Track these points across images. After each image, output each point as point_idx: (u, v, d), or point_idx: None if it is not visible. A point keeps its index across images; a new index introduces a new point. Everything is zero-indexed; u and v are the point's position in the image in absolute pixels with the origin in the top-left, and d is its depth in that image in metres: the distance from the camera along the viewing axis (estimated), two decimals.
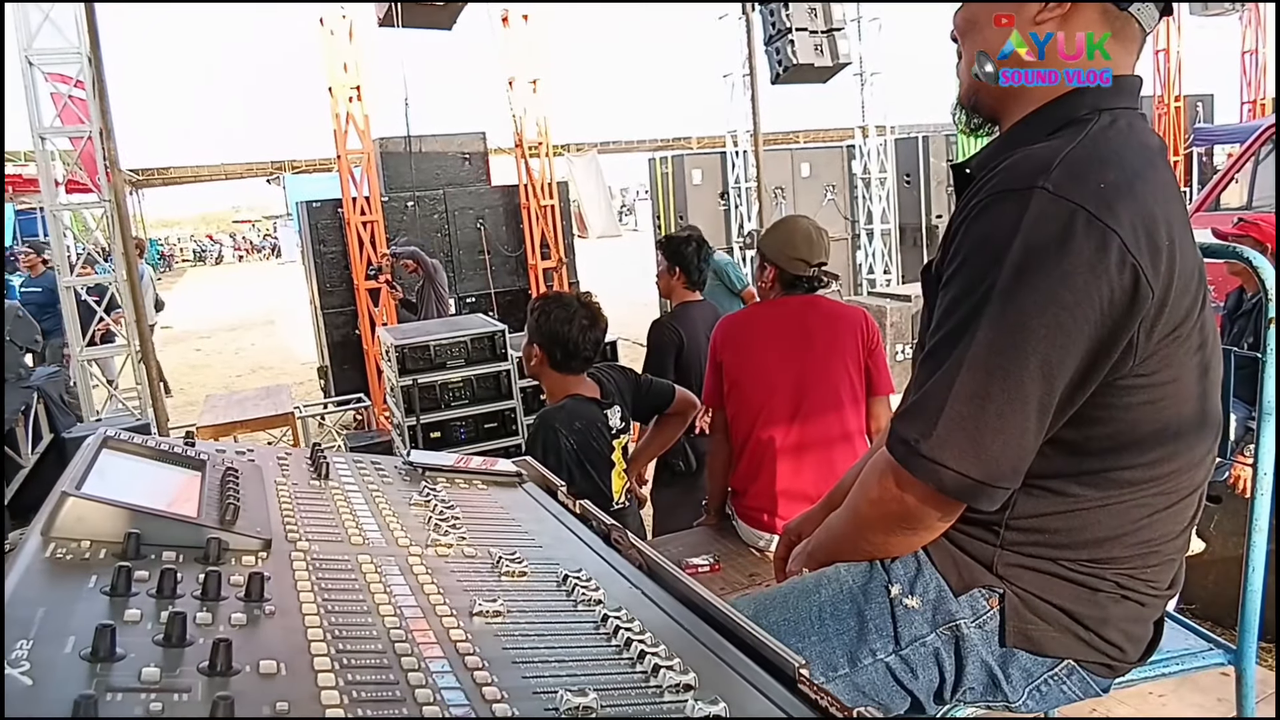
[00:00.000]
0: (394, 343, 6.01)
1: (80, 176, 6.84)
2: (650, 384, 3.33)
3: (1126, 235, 1.09)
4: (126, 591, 0.83)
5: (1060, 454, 1.21)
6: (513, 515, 1.36)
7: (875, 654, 1.33)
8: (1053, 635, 1.28)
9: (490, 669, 0.81)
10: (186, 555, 0.95)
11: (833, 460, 2.97)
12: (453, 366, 6.03)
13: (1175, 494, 1.25)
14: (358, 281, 9.48)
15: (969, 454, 1.14)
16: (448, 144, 10.23)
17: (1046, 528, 1.25)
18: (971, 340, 1.13)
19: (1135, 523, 1.23)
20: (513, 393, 6.19)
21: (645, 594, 1.08)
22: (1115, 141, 1.17)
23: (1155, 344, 1.15)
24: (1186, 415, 1.21)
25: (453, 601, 0.97)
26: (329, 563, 1.03)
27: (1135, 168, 1.15)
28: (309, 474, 1.40)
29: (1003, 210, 1.13)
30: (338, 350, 9.86)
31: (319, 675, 0.75)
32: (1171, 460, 1.22)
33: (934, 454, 1.15)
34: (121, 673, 0.69)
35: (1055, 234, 1.09)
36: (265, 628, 0.83)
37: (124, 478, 1.11)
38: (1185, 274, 1.15)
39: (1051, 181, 1.11)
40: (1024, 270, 1.10)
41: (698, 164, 12.55)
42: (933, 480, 1.17)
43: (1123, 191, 1.11)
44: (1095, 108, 1.20)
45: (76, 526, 0.93)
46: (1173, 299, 1.14)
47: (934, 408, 1.16)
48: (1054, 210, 1.10)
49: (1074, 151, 1.14)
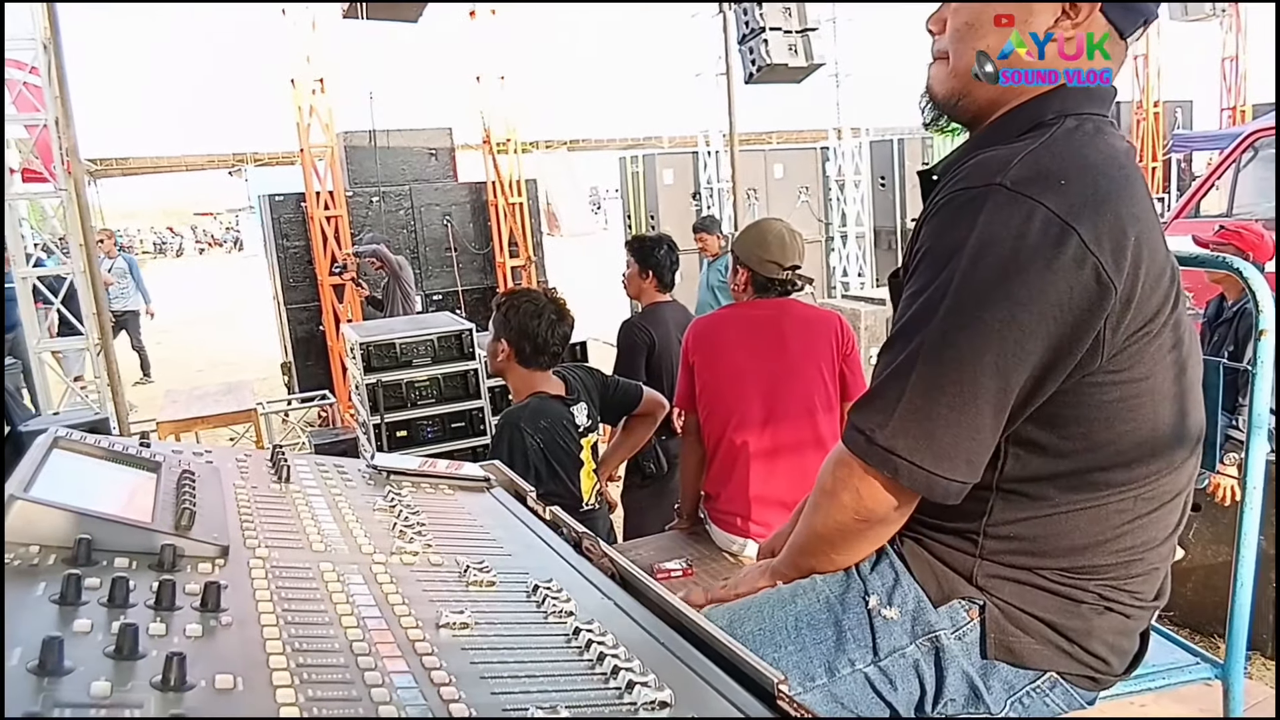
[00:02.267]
0: (359, 340, 5.93)
1: (35, 165, 6.68)
2: (617, 384, 3.31)
3: (1086, 232, 1.09)
4: (76, 600, 0.79)
5: (1037, 456, 1.21)
6: (480, 522, 1.33)
7: (854, 664, 1.31)
8: (1035, 648, 1.26)
9: (457, 684, 0.78)
10: (140, 562, 0.92)
11: (805, 466, 2.95)
12: (419, 365, 5.96)
13: (1156, 499, 1.24)
14: (321, 277, 9.37)
15: (922, 445, 1.15)
16: (413, 139, 10.15)
17: (1025, 535, 1.24)
18: (927, 334, 1.14)
19: (1116, 529, 1.22)
20: (480, 392, 6.13)
21: (618, 605, 1.05)
22: (1079, 144, 1.18)
23: (1124, 341, 1.14)
24: (1164, 416, 1.20)
25: (418, 612, 0.93)
26: (289, 571, 0.99)
27: (1099, 168, 1.15)
28: (269, 477, 1.36)
29: (961, 207, 1.14)
30: (301, 346, 9.74)
31: (278, 690, 0.71)
32: (1150, 462, 1.21)
33: (889, 443, 1.17)
34: (70, 687, 0.65)
35: (1012, 230, 1.10)
36: (221, 639, 0.79)
37: (75, 479, 1.07)
38: (1154, 272, 1.15)
39: (1010, 179, 1.11)
40: (979, 266, 1.11)
41: (669, 163, 12.48)
42: (887, 469, 1.18)
43: (1084, 190, 1.12)
44: (1061, 112, 1.21)
45: (25, 530, 0.89)
46: (1140, 296, 1.14)
47: (889, 399, 1.17)
48: (1011, 207, 1.10)
49: (1036, 151, 1.15)
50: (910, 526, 1.32)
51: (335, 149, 9.27)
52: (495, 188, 10.12)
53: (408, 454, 1.53)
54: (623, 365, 4.27)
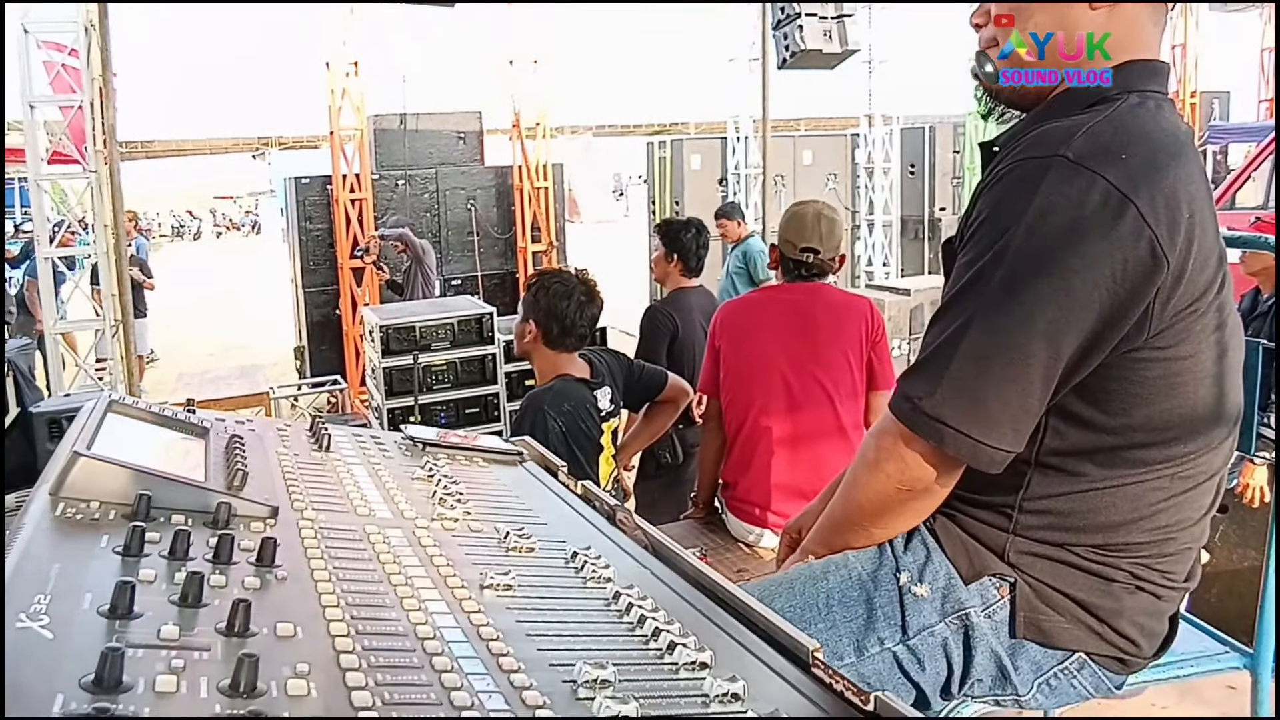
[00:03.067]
0: (379, 322, 5.96)
1: (64, 147, 6.75)
2: (643, 369, 3.33)
3: (1144, 206, 1.11)
4: (139, 552, 0.82)
5: (1077, 430, 1.22)
6: (515, 492, 1.35)
7: (883, 643, 1.33)
8: (1064, 626, 1.27)
9: (505, 640, 0.81)
10: (195, 520, 0.94)
11: (827, 455, 2.95)
12: (438, 348, 5.99)
13: (1192, 478, 1.25)
14: (342, 260, 9.43)
15: (970, 412, 1.17)
16: (443, 122, 10.17)
17: (1060, 510, 1.25)
18: (980, 302, 1.16)
19: (1151, 506, 1.23)
20: (497, 378, 6.15)
21: (654, 574, 1.07)
22: (1142, 119, 1.19)
23: (1171, 317, 1.16)
24: (1204, 396, 1.21)
25: (462, 574, 0.96)
26: (336, 532, 1.02)
27: (1159, 144, 1.17)
28: (310, 446, 1.39)
29: (1022, 177, 1.16)
30: (316, 330, 9.80)
31: (336, 640, 0.74)
32: (1188, 441, 1.22)
33: (936, 411, 1.18)
34: (140, 630, 0.68)
35: (1071, 201, 1.11)
36: (278, 592, 0.82)
37: (131, 441, 1.10)
38: (1204, 250, 1.16)
39: (1072, 151, 1.13)
40: (1037, 234, 1.13)
41: (697, 149, 12.36)
42: (933, 437, 1.19)
43: (1144, 164, 1.13)
44: (1125, 88, 1.22)
45: (87, 487, 0.92)
46: (1190, 273, 1.15)
47: (938, 367, 1.19)
48: (1072, 178, 1.12)
49: (1099, 124, 1.16)
50: (944, 502, 1.33)
51: (365, 132, 9.31)
52: (521, 172, 10.13)
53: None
54: (644, 351, 4.26)
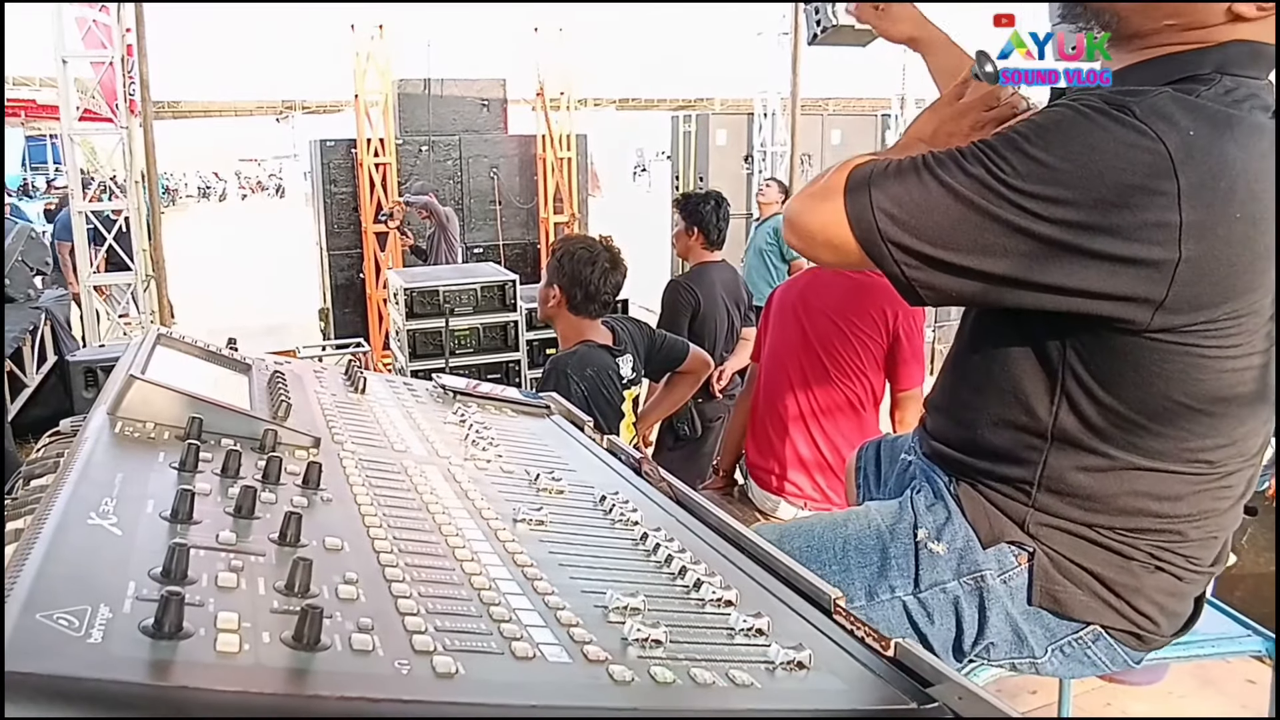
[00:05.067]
0: (404, 285, 6.01)
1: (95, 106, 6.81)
2: (665, 339, 3.35)
3: (1186, 186, 1.05)
4: (194, 468, 0.86)
5: (1091, 406, 1.21)
6: (544, 441, 1.39)
7: (894, 590, 1.35)
8: (1081, 599, 1.27)
9: (539, 567, 0.84)
10: (243, 445, 0.98)
11: (845, 429, 3.01)
12: (460, 313, 6.03)
13: (1216, 469, 1.22)
14: (366, 224, 9.47)
15: (898, 208, 1.15)
16: (467, 89, 10.15)
17: (1078, 490, 1.24)
18: (967, 181, 1.12)
19: (1171, 493, 1.22)
20: (519, 345, 6.20)
21: (679, 521, 1.10)
22: (1227, 104, 1.12)
23: (1196, 310, 1.11)
24: (1230, 392, 1.18)
25: (496, 509, 0.99)
26: (376, 464, 1.06)
27: (1238, 130, 1.09)
28: (346, 387, 1.42)
29: (1081, 109, 1.10)
30: (340, 293, 9.86)
31: (380, 555, 0.78)
32: (1209, 433, 1.20)
33: (876, 188, 1.17)
34: (200, 534, 0.72)
35: (1118, 146, 1.06)
36: (324, 511, 0.86)
37: (180, 370, 1.14)
38: (1255, 251, 1.10)
39: (1141, 107, 1.07)
40: (1068, 161, 1.08)
41: (723, 124, 12.14)
42: (854, 206, 1.18)
43: (1208, 145, 1.07)
44: (1220, 69, 1.15)
45: (142, 408, 0.96)
46: (1222, 269, 1.09)
47: (909, 171, 1.17)
48: (1130, 129, 1.07)
49: (1179, 96, 1.10)
50: (965, 472, 1.34)
51: (389, 96, 9.33)
52: (545, 141, 10.12)
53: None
54: (666, 324, 4.26)
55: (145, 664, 0.51)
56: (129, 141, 6.75)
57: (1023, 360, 1.25)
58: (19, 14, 5.97)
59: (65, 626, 0.52)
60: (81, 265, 7.07)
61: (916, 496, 1.40)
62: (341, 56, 9.36)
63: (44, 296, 6.72)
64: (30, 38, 7.66)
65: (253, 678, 0.53)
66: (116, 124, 6.79)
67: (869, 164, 1.20)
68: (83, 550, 0.64)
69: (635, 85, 28.09)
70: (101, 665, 0.50)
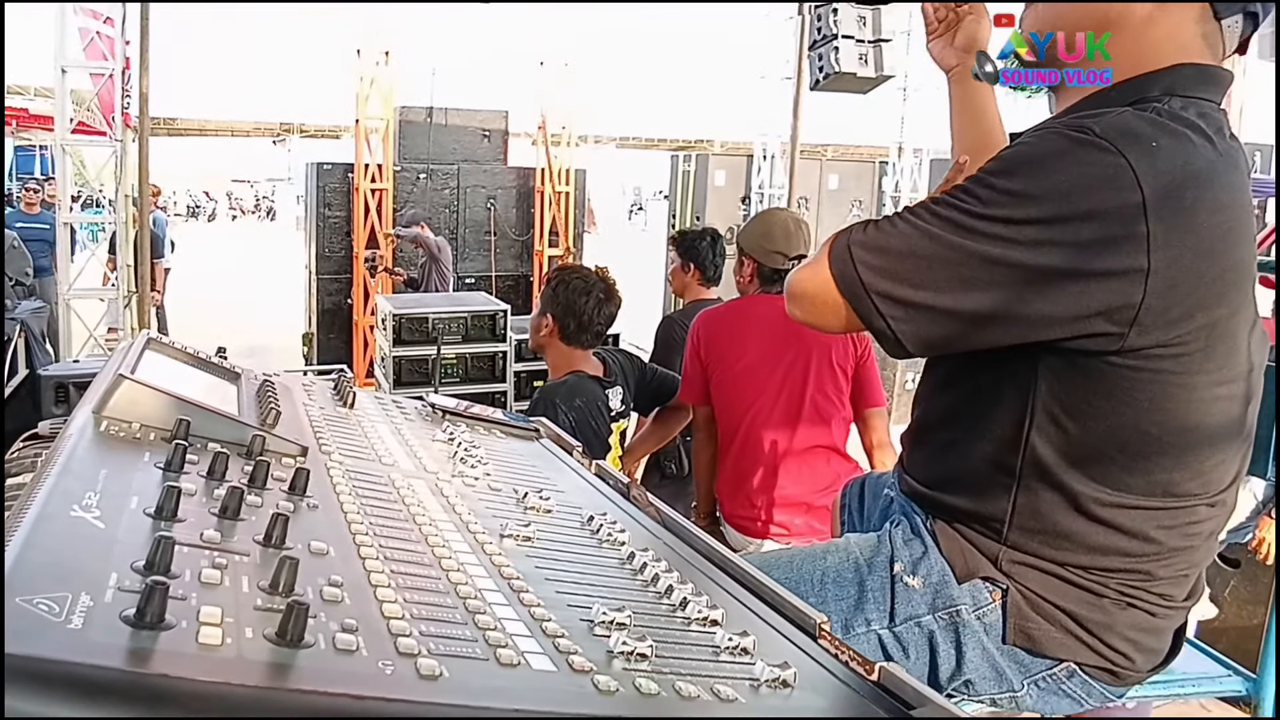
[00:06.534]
0: (392, 311, 6.00)
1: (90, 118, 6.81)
2: (655, 372, 3.34)
3: (1152, 200, 1.07)
4: (180, 469, 0.85)
5: (1068, 445, 1.21)
6: (532, 463, 1.38)
7: (869, 624, 1.35)
8: (1054, 636, 1.27)
9: (525, 580, 0.83)
10: (230, 450, 0.97)
11: (819, 465, 2.99)
12: (449, 341, 6.02)
13: (1186, 505, 1.23)
14: (357, 249, 9.47)
15: (879, 262, 1.19)
16: (469, 119, 10.22)
17: (1047, 529, 1.24)
18: (947, 216, 1.15)
19: (1139, 530, 1.22)
20: (506, 376, 6.18)
21: (666, 544, 1.09)
22: (1181, 121, 1.15)
23: (1163, 329, 1.13)
24: (1196, 419, 1.19)
25: (484, 523, 0.99)
26: (363, 475, 1.05)
27: (1197, 145, 1.13)
28: (335, 401, 1.42)
29: (1041, 138, 1.16)
30: (326, 318, 9.83)
31: (366, 561, 0.77)
32: (1177, 467, 1.21)
33: (857, 249, 1.20)
34: (184, 531, 0.71)
35: (1079, 163, 1.10)
36: (310, 517, 0.85)
37: (169, 374, 1.13)
38: (1220, 267, 1.13)
39: (1099, 127, 1.11)
40: (1031, 183, 1.12)
41: (722, 165, 12.33)
42: (837, 265, 1.21)
43: (1172, 157, 1.11)
44: (1169, 91, 1.19)
45: (129, 409, 0.95)
46: (1191, 288, 1.12)
47: (885, 229, 1.20)
48: (1090, 148, 1.10)
49: (1134, 115, 1.14)
50: (940, 509, 1.34)
51: (390, 122, 9.37)
52: (544, 174, 10.17)
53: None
54: (659, 360, 4.24)
55: (125, 651, 0.50)
56: (122, 155, 6.75)
57: (993, 392, 1.26)
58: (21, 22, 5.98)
59: (45, 611, 0.51)
60: (62, 278, 7.03)
61: (894, 530, 1.40)
62: (344, 81, 9.44)
63: (20, 308, 6.66)
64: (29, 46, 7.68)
65: (234, 670, 0.52)
66: (111, 137, 6.80)
67: (850, 227, 1.24)
68: (65, 540, 0.63)
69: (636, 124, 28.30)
70: (81, 650, 0.49)
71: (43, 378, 6.25)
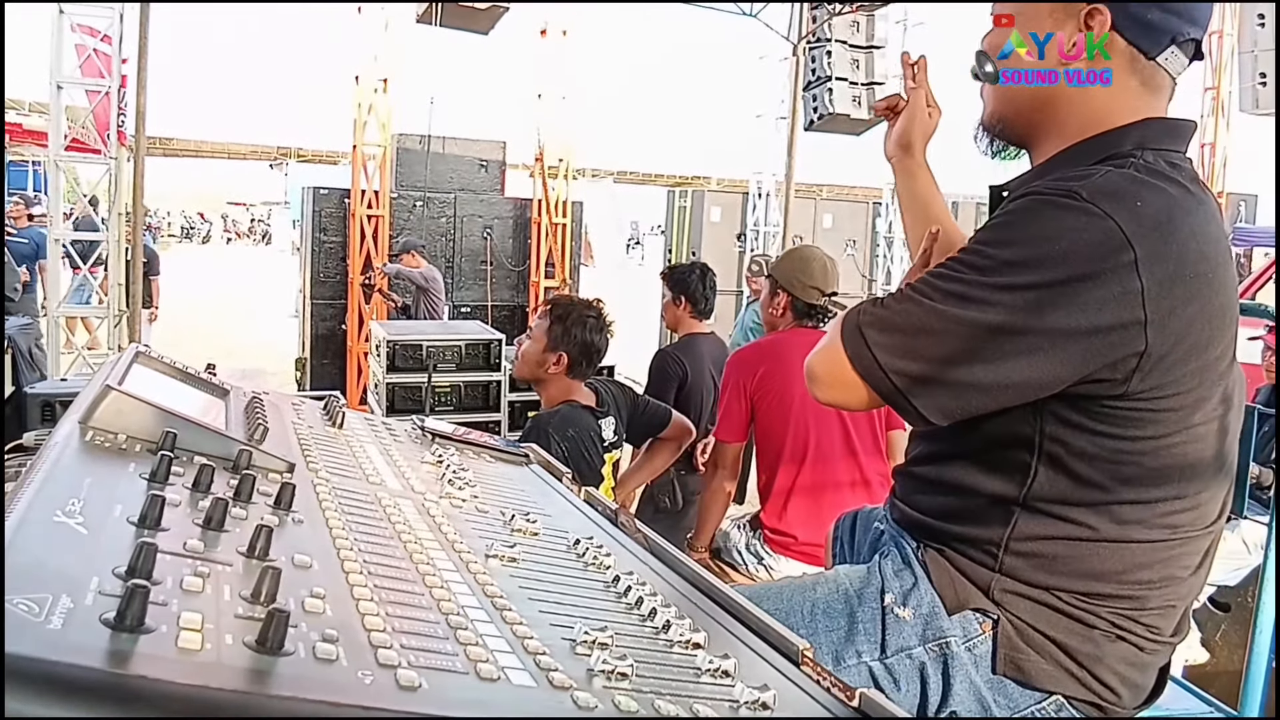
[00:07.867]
0: (386, 337, 5.99)
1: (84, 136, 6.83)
2: (648, 404, 3.35)
3: (1144, 256, 1.13)
4: (165, 480, 0.85)
5: (1063, 478, 1.23)
6: (521, 487, 1.38)
7: (860, 656, 1.35)
8: (1044, 668, 1.28)
9: (508, 599, 0.83)
10: (216, 464, 0.97)
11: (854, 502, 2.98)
12: (443, 369, 6.00)
13: (1180, 536, 1.26)
14: (353, 275, 9.47)
15: (892, 342, 1.23)
16: (467, 148, 10.26)
17: (1044, 553, 1.26)
18: (941, 298, 1.20)
19: (1135, 560, 1.24)
20: (500, 405, 6.16)
21: (652, 569, 1.09)
22: (1158, 175, 1.21)
23: (1162, 374, 1.17)
24: (1195, 456, 1.23)
25: (469, 544, 0.98)
26: (350, 494, 1.05)
27: (1175, 198, 1.19)
28: (324, 421, 1.42)
29: (1029, 206, 1.20)
30: (319, 343, 9.80)
31: (349, 575, 0.77)
32: (1176, 499, 1.24)
33: (867, 328, 1.24)
34: (168, 540, 0.71)
35: (1072, 230, 1.15)
36: (295, 531, 0.85)
37: (157, 388, 1.13)
38: (1211, 310, 1.19)
39: (1085, 189, 1.16)
40: (1028, 251, 1.17)
41: (718, 201, 12.47)
42: (850, 345, 1.25)
43: (1157, 215, 1.16)
44: (1141, 145, 1.25)
45: (115, 420, 0.95)
46: (1183, 330, 1.16)
47: (890, 308, 1.25)
48: (1079, 212, 1.15)
49: (1113, 174, 1.20)
50: (934, 537, 1.35)
51: (388, 149, 9.42)
52: (541, 206, 10.21)
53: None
54: (652, 393, 4.23)
55: (104, 652, 0.50)
56: (116, 173, 6.77)
57: (999, 430, 1.27)
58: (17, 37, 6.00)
59: (25, 611, 0.51)
60: (51, 296, 7.01)
61: (884, 561, 1.40)
62: (342, 106, 9.47)
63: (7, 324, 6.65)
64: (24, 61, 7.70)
65: (213, 674, 0.52)
66: (105, 155, 6.82)
67: (857, 307, 1.29)
68: (46, 543, 0.63)
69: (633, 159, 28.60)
70: (60, 649, 0.49)
71: (29, 395, 6.24)
